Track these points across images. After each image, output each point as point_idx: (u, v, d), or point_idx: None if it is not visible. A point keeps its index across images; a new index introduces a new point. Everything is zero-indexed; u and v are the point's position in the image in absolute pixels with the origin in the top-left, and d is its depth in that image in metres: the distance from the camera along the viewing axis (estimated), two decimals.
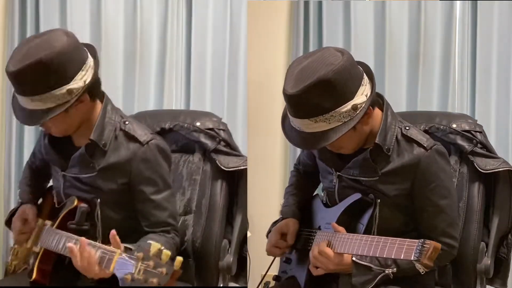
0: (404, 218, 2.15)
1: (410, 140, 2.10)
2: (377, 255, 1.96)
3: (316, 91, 1.94)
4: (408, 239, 1.89)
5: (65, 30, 2.10)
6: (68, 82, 2.01)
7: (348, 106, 1.97)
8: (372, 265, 2.04)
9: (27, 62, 1.96)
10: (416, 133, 2.13)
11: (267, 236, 2.40)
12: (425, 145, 2.09)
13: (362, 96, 2.00)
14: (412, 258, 1.84)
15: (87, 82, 2.05)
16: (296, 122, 2.03)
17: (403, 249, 1.87)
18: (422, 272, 1.99)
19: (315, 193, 2.46)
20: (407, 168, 2.09)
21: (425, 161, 2.08)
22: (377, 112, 2.13)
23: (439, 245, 1.83)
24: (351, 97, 1.98)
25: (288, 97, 1.99)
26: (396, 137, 2.10)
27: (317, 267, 2.12)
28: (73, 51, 2.03)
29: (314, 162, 2.38)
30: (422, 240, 1.84)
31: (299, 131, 2.03)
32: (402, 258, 1.88)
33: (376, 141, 2.09)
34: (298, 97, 1.95)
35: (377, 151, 2.10)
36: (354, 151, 2.14)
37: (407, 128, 2.13)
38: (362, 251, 1.99)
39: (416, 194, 2.11)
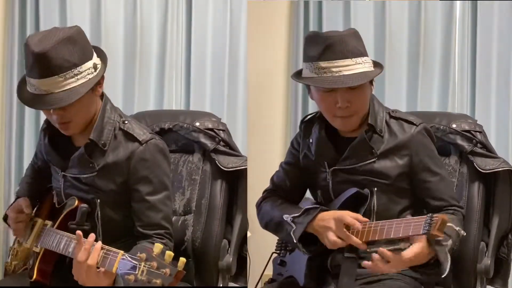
0: (401, 203, 2.17)
1: (399, 119, 2.20)
2: (383, 237, 1.98)
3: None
4: (414, 217, 1.97)
5: None
6: None
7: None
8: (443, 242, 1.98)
9: None
10: (403, 114, 2.23)
11: None
12: (414, 122, 2.18)
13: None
14: (421, 232, 1.89)
15: None
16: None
17: (410, 226, 1.93)
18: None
19: (304, 198, 2.42)
20: (401, 145, 2.16)
21: (417, 136, 2.17)
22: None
23: (446, 217, 1.91)
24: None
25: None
26: (386, 120, 2.19)
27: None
28: None
29: (296, 173, 2.33)
30: (430, 214, 1.91)
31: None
32: (410, 234, 1.92)
33: (369, 122, 2.16)
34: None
35: (371, 132, 2.16)
36: (360, 119, 2.16)
37: (394, 111, 2.23)
38: (373, 237, 2.01)
39: (415, 168, 2.16)
